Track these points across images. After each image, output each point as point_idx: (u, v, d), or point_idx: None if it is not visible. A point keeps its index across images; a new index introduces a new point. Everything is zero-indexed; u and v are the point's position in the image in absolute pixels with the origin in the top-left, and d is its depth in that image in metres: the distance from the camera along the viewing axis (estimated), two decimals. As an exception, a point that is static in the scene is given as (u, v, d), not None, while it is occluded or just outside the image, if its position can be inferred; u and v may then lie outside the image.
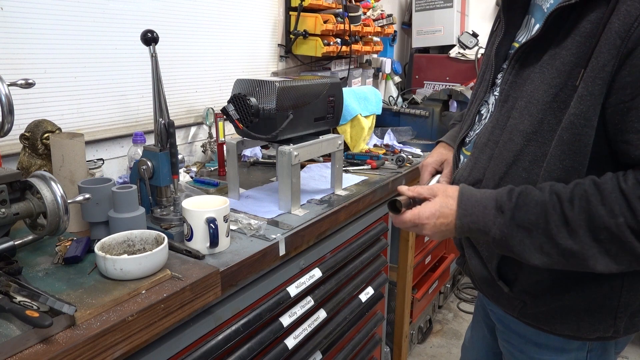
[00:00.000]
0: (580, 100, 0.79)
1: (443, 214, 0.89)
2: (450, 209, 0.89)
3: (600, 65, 0.76)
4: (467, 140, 1.07)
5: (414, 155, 2.04)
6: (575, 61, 0.80)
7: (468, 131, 1.07)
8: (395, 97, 2.84)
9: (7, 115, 0.91)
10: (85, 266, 0.97)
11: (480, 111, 1.06)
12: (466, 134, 1.08)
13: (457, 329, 2.73)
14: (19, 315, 0.74)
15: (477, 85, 1.10)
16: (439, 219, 0.89)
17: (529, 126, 0.87)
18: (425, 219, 0.90)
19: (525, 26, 0.98)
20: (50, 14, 1.38)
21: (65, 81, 1.44)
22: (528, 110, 0.87)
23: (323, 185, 1.60)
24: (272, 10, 2.18)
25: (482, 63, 1.10)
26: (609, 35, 0.76)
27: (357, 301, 1.66)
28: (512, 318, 1.03)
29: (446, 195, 0.91)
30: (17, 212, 0.92)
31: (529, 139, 0.87)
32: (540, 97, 0.85)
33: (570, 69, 0.81)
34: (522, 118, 0.88)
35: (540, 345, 1.01)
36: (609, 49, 0.75)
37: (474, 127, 1.06)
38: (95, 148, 1.55)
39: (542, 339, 1.00)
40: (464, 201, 0.88)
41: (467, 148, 1.07)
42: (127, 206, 1.06)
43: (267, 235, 1.19)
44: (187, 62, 1.82)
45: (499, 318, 1.10)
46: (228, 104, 1.32)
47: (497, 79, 1.02)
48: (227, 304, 1.11)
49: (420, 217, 0.90)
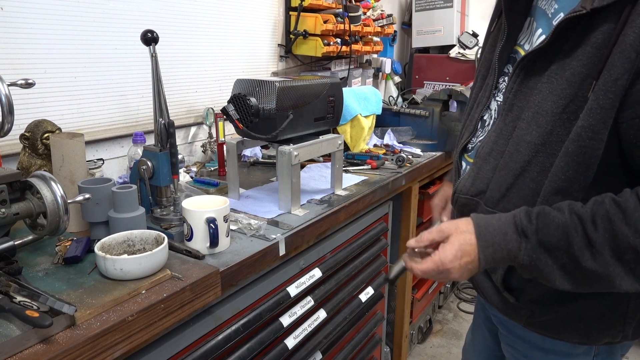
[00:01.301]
0: (589, 113, 0.77)
1: (465, 252, 0.83)
2: (471, 244, 0.83)
3: (613, 79, 0.75)
4: (470, 147, 1.06)
5: (414, 155, 2.04)
6: (587, 72, 0.79)
7: (470, 137, 1.05)
8: (395, 97, 2.84)
9: (7, 115, 0.91)
10: (85, 266, 0.97)
11: (483, 117, 1.03)
12: (468, 141, 1.06)
13: (457, 329, 2.73)
14: (19, 315, 0.74)
15: (477, 89, 1.07)
16: (463, 259, 0.83)
17: (537, 137, 0.85)
18: (449, 262, 0.83)
19: (528, 28, 0.97)
20: (50, 14, 1.38)
21: (65, 81, 1.44)
22: (536, 122, 0.85)
23: (323, 185, 1.60)
24: (272, 10, 2.18)
25: (481, 65, 1.08)
26: (623, 48, 0.74)
27: (357, 301, 1.66)
28: (515, 324, 1.02)
29: (460, 231, 0.85)
30: (17, 212, 0.92)
31: (537, 150, 0.85)
32: (549, 109, 0.83)
33: (581, 80, 0.79)
34: (529, 129, 0.86)
35: (547, 350, 1.00)
36: (623, 62, 0.74)
37: (477, 133, 1.04)
38: (95, 148, 1.55)
39: (548, 345, 0.99)
40: (482, 232, 0.83)
41: (469, 155, 1.05)
42: (127, 206, 1.06)
43: (267, 235, 1.19)
44: (187, 62, 1.82)
45: (502, 322, 1.09)
46: (228, 104, 1.32)
47: (499, 83, 1.01)
48: (227, 304, 1.11)
49: (443, 263, 0.83)
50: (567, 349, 0.97)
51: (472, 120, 1.05)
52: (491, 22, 1.08)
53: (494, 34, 1.05)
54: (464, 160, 1.06)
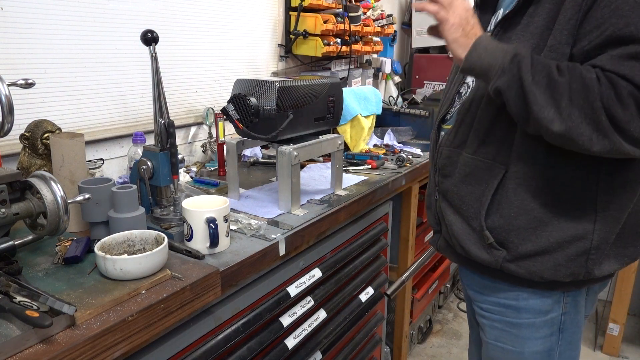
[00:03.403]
0: (550, 49, 0.92)
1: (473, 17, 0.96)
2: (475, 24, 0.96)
3: (566, 19, 0.90)
4: (448, 117, 1.17)
5: (414, 155, 2.04)
6: (546, 24, 0.94)
7: (449, 109, 1.16)
8: (395, 97, 2.83)
9: (7, 115, 0.91)
10: (85, 266, 0.97)
11: (459, 91, 1.15)
12: (447, 112, 1.17)
13: (457, 329, 2.73)
14: (19, 315, 0.74)
15: (453, 73, 1.20)
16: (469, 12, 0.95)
17: None
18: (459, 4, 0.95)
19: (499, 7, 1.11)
20: (50, 14, 1.38)
21: (65, 81, 1.44)
22: None
23: (323, 185, 1.60)
24: (272, 10, 2.18)
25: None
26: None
27: (357, 301, 1.66)
28: (489, 283, 1.10)
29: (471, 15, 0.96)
30: (17, 212, 0.92)
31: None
32: None
33: (541, 32, 0.94)
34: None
35: (519, 309, 1.08)
36: (572, 6, 0.89)
37: (455, 104, 1.15)
38: (95, 148, 1.55)
39: (521, 302, 1.07)
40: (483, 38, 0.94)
41: (447, 123, 1.17)
42: (127, 206, 1.06)
43: (267, 235, 1.19)
44: (187, 62, 1.82)
45: (478, 289, 1.15)
46: (228, 104, 1.32)
47: None
48: (227, 304, 1.11)
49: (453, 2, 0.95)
50: (539, 306, 1.06)
51: (450, 95, 1.18)
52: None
53: None
54: (442, 130, 1.18)
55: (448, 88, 1.21)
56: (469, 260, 1.11)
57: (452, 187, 1.10)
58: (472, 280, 1.16)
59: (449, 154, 1.12)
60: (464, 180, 1.07)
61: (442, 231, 1.18)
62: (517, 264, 1.02)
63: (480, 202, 1.04)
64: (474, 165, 1.05)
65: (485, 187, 1.03)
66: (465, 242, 1.08)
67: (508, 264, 1.03)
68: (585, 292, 1.09)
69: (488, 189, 1.02)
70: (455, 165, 1.10)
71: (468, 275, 1.18)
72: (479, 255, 1.06)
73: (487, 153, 1.02)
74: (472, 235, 1.07)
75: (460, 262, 1.17)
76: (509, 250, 1.03)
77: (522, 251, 1.01)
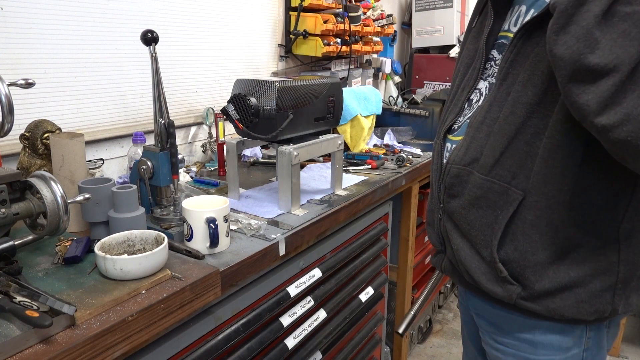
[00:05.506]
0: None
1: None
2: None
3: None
4: (456, 127, 1.05)
5: (414, 155, 2.04)
6: None
7: (456, 118, 1.05)
8: (395, 97, 2.83)
9: (7, 115, 0.91)
10: (85, 266, 0.97)
11: (469, 98, 1.04)
12: (454, 121, 1.05)
13: (457, 329, 2.73)
14: (19, 315, 0.74)
15: (462, 76, 1.08)
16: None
17: (533, 97, 0.86)
18: None
19: (512, 15, 0.99)
20: (50, 14, 1.38)
21: (65, 81, 1.44)
22: (532, 82, 0.86)
23: (323, 185, 1.60)
24: (272, 10, 2.18)
25: (463, 57, 1.10)
26: None
27: (357, 301, 1.66)
28: (504, 314, 0.99)
29: None
30: (17, 212, 0.92)
31: (532, 111, 0.87)
32: (545, 68, 0.84)
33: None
34: (525, 90, 0.88)
35: (536, 344, 0.97)
36: None
37: (464, 112, 1.04)
38: (95, 148, 1.55)
39: (537, 337, 0.97)
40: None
41: (455, 134, 1.05)
42: (127, 206, 1.06)
43: (267, 235, 1.19)
44: (187, 62, 1.82)
45: (490, 318, 1.05)
46: (228, 104, 1.32)
47: (486, 68, 1.03)
48: (227, 304, 1.11)
49: None
50: (558, 342, 0.96)
51: (458, 102, 1.06)
52: (472, 18, 1.11)
53: (476, 27, 1.08)
54: (449, 141, 1.06)
55: (455, 93, 1.09)
56: (479, 290, 0.99)
57: (459, 209, 0.98)
58: (483, 309, 1.06)
59: (457, 173, 0.99)
60: (474, 203, 0.95)
61: (447, 253, 1.07)
62: (533, 302, 0.92)
63: (492, 229, 0.92)
64: (486, 187, 0.93)
65: (499, 213, 0.91)
66: (474, 272, 0.97)
67: (523, 302, 0.93)
68: (607, 324, 0.98)
69: (502, 217, 0.91)
70: (464, 186, 0.97)
71: (478, 304, 1.07)
72: (491, 289, 0.95)
73: (502, 175, 0.90)
74: (482, 265, 0.96)
75: (468, 288, 1.07)
76: (525, 287, 0.92)
77: (539, 289, 0.90)
